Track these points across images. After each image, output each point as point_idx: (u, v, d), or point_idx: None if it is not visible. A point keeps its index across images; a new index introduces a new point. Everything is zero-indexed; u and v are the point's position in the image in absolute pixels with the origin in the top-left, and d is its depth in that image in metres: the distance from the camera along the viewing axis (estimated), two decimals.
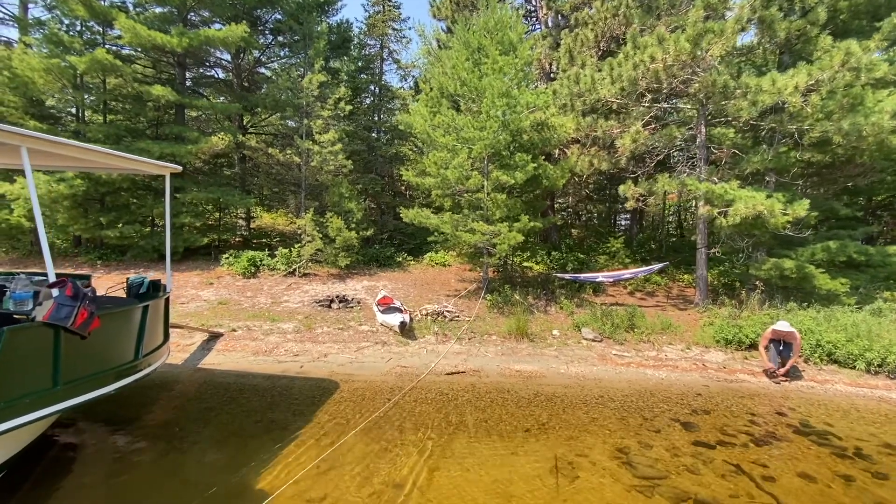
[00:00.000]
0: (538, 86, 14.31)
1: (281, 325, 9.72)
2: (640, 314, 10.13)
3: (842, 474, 5.06)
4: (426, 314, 10.44)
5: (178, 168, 5.71)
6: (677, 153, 12.50)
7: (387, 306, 10.28)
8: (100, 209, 14.45)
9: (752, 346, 9.02)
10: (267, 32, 18.77)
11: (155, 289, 6.26)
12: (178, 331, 8.89)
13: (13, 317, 4.22)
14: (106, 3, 13.94)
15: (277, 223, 22.48)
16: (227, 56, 18.39)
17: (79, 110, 15.39)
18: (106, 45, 14.64)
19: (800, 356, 8.25)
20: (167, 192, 5.79)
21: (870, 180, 11.73)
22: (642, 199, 10.95)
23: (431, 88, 12.08)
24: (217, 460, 4.77)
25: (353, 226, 14.57)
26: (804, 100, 8.81)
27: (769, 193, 9.28)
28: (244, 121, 18.96)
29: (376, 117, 20.13)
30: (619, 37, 14.12)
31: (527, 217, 10.70)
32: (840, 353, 8.43)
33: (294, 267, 13.76)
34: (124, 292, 6.10)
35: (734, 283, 13.59)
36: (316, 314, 10.48)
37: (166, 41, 12.76)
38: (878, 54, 9.92)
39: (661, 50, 9.22)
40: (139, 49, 14.60)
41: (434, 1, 18.75)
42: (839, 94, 8.84)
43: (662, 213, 24.02)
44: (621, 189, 11.07)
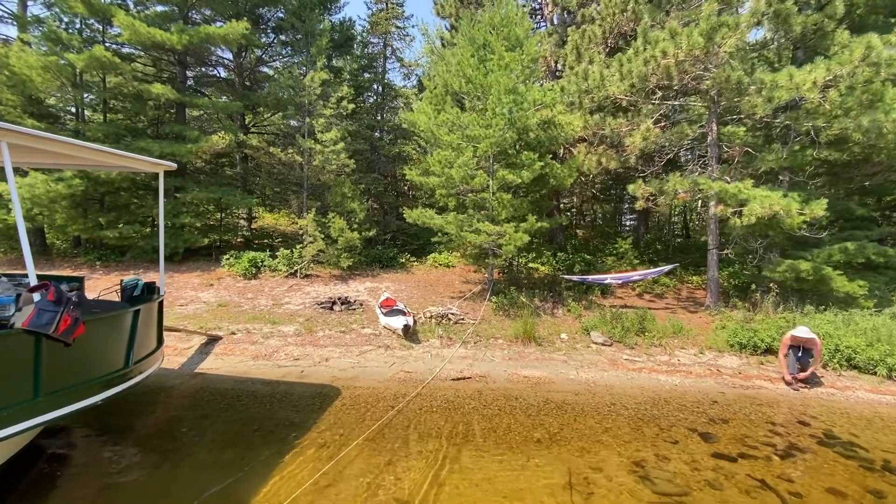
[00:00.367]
0: (544, 84, 14.02)
1: (281, 327, 9.48)
2: (650, 317, 9.83)
3: (872, 489, 4.77)
4: (430, 317, 10.17)
5: (172, 166, 5.48)
6: (687, 152, 12.20)
7: (390, 308, 10.03)
8: (99, 209, 14.26)
9: (767, 351, 8.71)
10: (269, 31, 18.58)
11: (150, 291, 6.03)
12: (175, 334, 8.66)
13: None
14: (106, 0, 13.76)
15: (279, 223, 22.28)
16: (229, 55, 18.23)
17: (78, 109, 15.21)
18: (106, 43, 14.48)
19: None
20: (161, 190, 5.55)
21: (883, 179, 11.38)
22: (652, 198, 10.65)
23: (436, 86, 11.82)
24: (211, 474, 4.51)
25: (355, 226, 14.33)
26: (822, 96, 8.51)
27: (784, 193, 8.97)
28: (246, 120, 18.75)
29: (379, 116, 19.89)
30: (627, 33, 13.82)
31: (533, 217, 10.42)
32: (860, 359, 8.12)
33: (296, 268, 13.52)
34: (119, 295, 5.87)
35: (745, 285, 13.28)
36: (317, 316, 10.23)
37: (166, 38, 12.54)
38: None
39: (674, 45, 8.92)
40: (139, 47, 14.40)
41: None
42: (858, 90, 8.53)
43: (669, 214, 23.68)
44: (630, 188, 10.77)
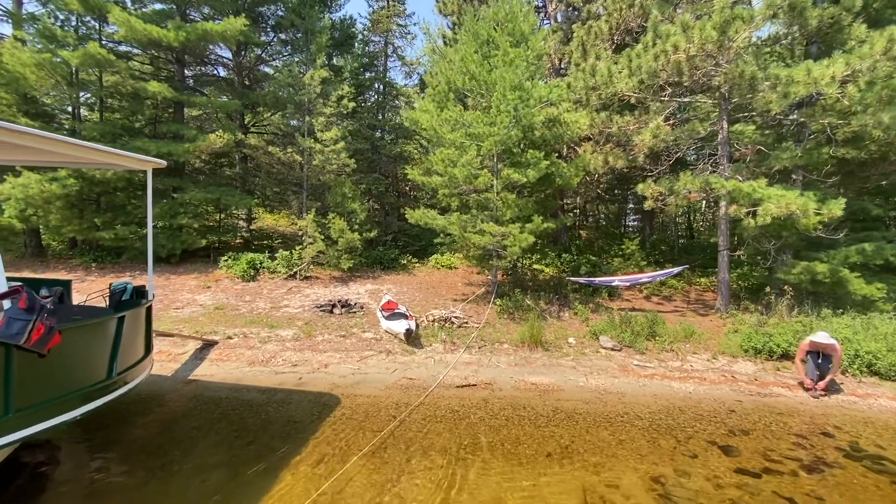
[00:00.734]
0: (548, 81, 13.71)
1: (279, 331, 9.18)
2: (660, 321, 9.51)
3: None
4: (433, 320, 9.87)
5: (161, 163, 5.19)
6: (693, 152, 11.88)
7: (391, 312, 9.72)
8: (95, 210, 13.99)
9: (783, 356, 8.38)
10: (268, 29, 18.34)
11: (140, 295, 5.73)
12: (169, 339, 8.36)
13: None
14: None
15: (279, 224, 22.00)
16: (229, 54, 17.99)
17: (74, 108, 14.95)
18: (102, 41, 14.22)
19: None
20: (149, 188, 5.26)
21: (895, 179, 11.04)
22: (661, 198, 10.33)
23: (438, 83, 11.52)
24: (200, 493, 4.21)
25: (356, 227, 14.03)
26: (840, 92, 8.19)
27: (800, 192, 8.64)
28: (245, 120, 18.49)
29: (380, 116, 19.60)
30: (634, 30, 13.53)
31: (539, 218, 10.11)
32: (881, 365, 7.79)
33: (295, 270, 13.23)
34: (105, 300, 5.58)
35: (756, 288, 12.94)
36: (317, 320, 9.93)
37: (163, 35, 12.27)
38: None
39: (685, 39, 8.61)
40: (136, 45, 14.14)
41: None
42: (878, 86, 8.20)
43: (674, 214, 23.33)
44: (639, 188, 10.45)
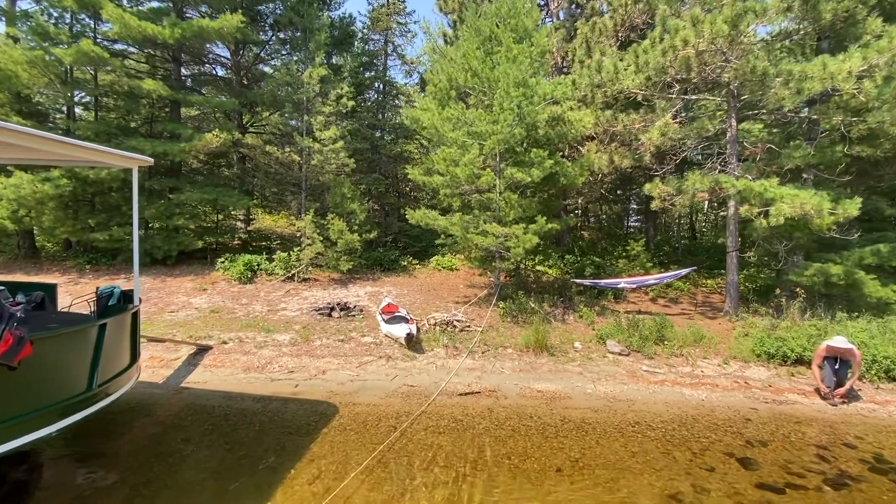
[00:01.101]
0: (553, 79, 13.43)
1: (276, 336, 8.90)
2: (668, 324, 9.22)
3: None
4: (434, 324, 9.59)
5: (147, 160, 4.91)
6: (702, 151, 11.59)
7: (392, 315, 9.44)
8: (89, 211, 13.72)
9: (798, 361, 8.09)
10: (267, 28, 18.09)
11: (128, 300, 5.46)
12: (162, 344, 8.08)
13: None
14: None
15: (278, 226, 21.74)
16: (227, 53, 17.75)
17: (69, 107, 14.69)
18: (97, 39, 13.96)
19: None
20: (134, 187, 4.98)
21: None
22: (669, 198, 10.04)
23: (440, 80, 11.24)
24: None
25: (355, 228, 13.76)
26: (857, 87, 7.91)
27: (814, 192, 8.36)
28: (244, 120, 18.23)
29: (380, 115, 19.33)
30: (639, 26, 13.26)
31: (543, 218, 9.83)
32: None
33: (293, 272, 12.95)
34: (89, 305, 5.30)
35: (764, 290, 12.66)
36: (315, 324, 9.65)
37: (158, 32, 12.01)
38: None
39: (695, 33, 8.34)
40: (131, 43, 13.86)
41: None
42: None
43: (678, 215, 23.05)
44: (646, 188, 10.18)
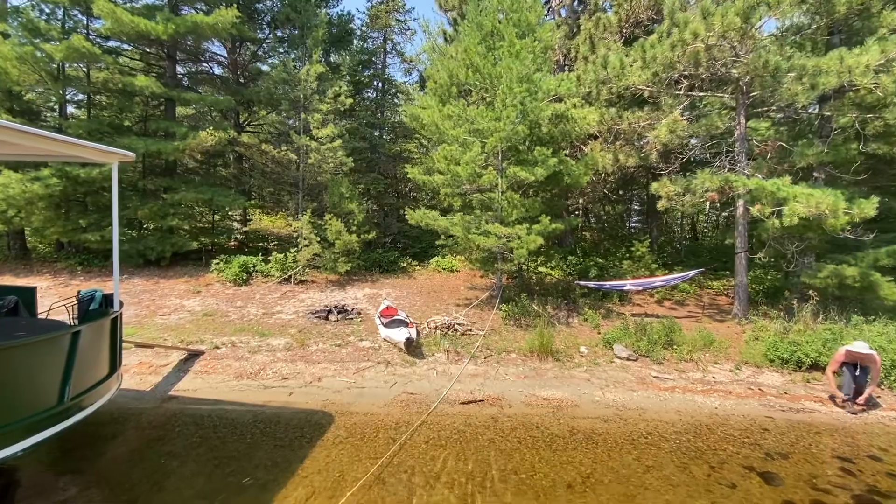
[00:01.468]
0: (557, 75, 13.14)
1: (271, 340, 8.57)
2: (677, 328, 8.91)
3: None
4: (435, 327, 9.26)
5: (128, 155, 4.59)
6: (710, 149, 11.29)
7: (391, 318, 9.12)
8: (81, 211, 13.39)
9: (812, 367, 7.78)
10: (264, 26, 17.82)
11: (111, 304, 5.15)
12: (151, 350, 7.76)
13: None
14: None
15: (276, 226, 21.43)
16: (223, 52, 17.46)
17: (61, 104, 14.37)
18: (90, 35, 13.65)
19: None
20: (114, 183, 4.67)
21: None
22: (676, 198, 9.74)
23: (440, 76, 10.92)
24: None
25: (353, 228, 13.44)
26: (874, 82, 7.62)
27: (830, 191, 8.06)
28: (241, 119, 17.93)
29: (379, 114, 19.03)
30: (644, 22, 12.99)
31: (547, 218, 9.52)
32: None
33: (289, 273, 12.63)
34: (68, 311, 4.99)
35: (771, 291, 12.37)
36: (311, 327, 9.32)
37: (151, 28, 11.70)
38: None
39: (705, 26, 8.04)
40: (124, 40, 13.55)
41: None
42: None
43: (681, 215, 22.77)
44: (654, 187, 9.87)
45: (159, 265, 13.58)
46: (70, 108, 15.57)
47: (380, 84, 19.41)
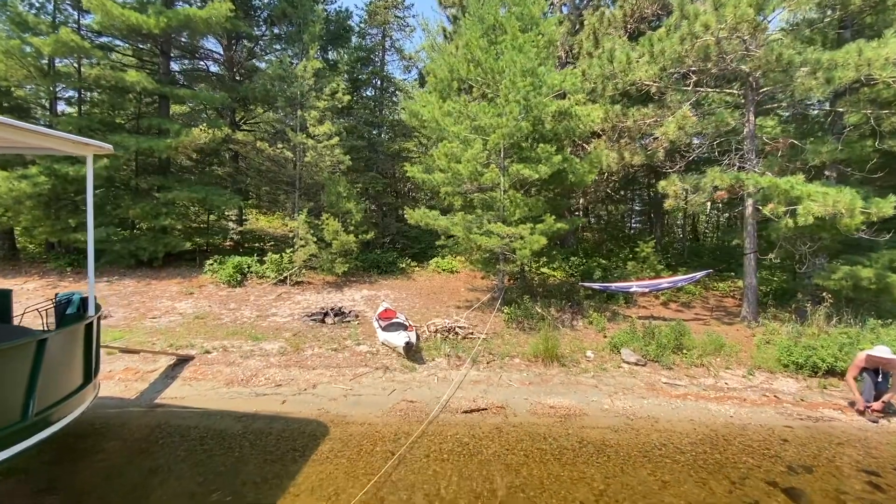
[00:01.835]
0: (561, 71, 12.83)
1: (264, 344, 8.23)
2: (687, 331, 8.60)
3: None
4: (435, 330, 8.93)
5: (105, 147, 4.26)
6: (719, 146, 10.99)
7: (389, 321, 8.78)
8: (71, 210, 13.01)
9: (829, 373, 7.47)
10: (261, 22, 17.49)
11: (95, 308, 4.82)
12: (138, 355, 7.41)
13: None
14: None
15: (273, 226, 21.08)
16: (220, 49, 17.12)
17: (51, 101, 14.01)
18: (82, 31, 13.31)
19: None
20: (89, 177, 4.33)
21: None
22: (684, 196, 9.44)
23: (441, 70, 10.59)
24: None
25: (351, 228, 13.10)
26: (893, 76, 7.32)
27: (848, 189, 7.75)
28: (236, 117, 17.58)
29: (378, 112, 18.70)
30: (649, 17, 12.71)
31: (552, 217, 9.21)
32: None
33: (285, 274, 12.28)
34: (41, 315, 4.65)
35: (779, 293, 12.08)
36: (307, 331, 8.99)
37: (142, 21, 11.36)
38: None
39: (717, 18, 7.74)
40: (116, 34, 13.19)
41: None
42: None
43: (682, 215, 22.51)
44: (661, 185, 9.57)
45: (151, 266, 13.23)
46: (62, 106, 15.24)
47: (378, 82, 19.08)
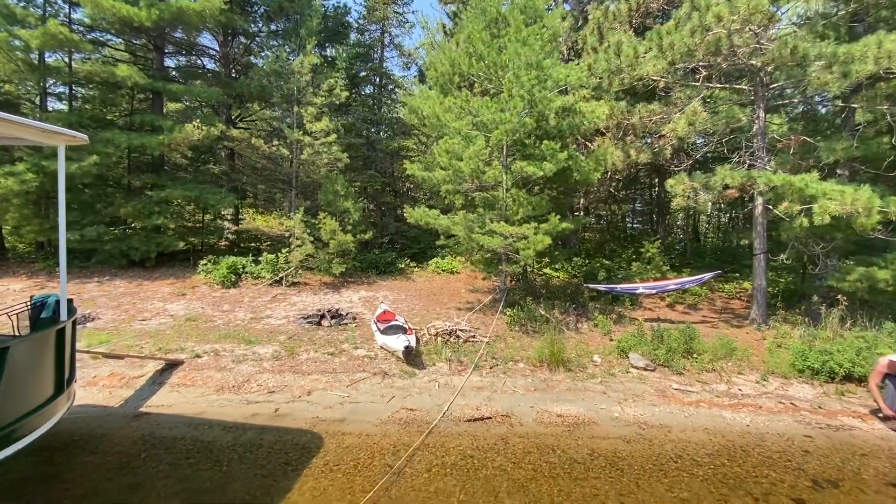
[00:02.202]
0: (567, 65, 12.54)
1: (257, 348, 7.89)
2: (697, 335, 8.29)
3: None
4: (435, 334, 8.61)
5: (78, 136, 3.93)
6: (728, 143, 10.69)
7: (388, 324, 8.44)
8: None
9: (846, 379, 7.18)
10: (258, 18, 17.15)
11: (71, 310, 4.49)
12: (125, 360, 7.07)
13: None
14: None
15: (270, 226, 20.72)
16: (215, 45, 16.78)
17: (42, 97, 13.64)
18: (73, 25, 12.95)
19: None
20: (60, 169, 4.00)
21: None
22: (693, 195, 9.14)
23: (442, 64, 10.27)
24: None
25: (349, 228, 12.76)
26: None
27: (867, 187, 7.46)
28: (232, 115, 17.23)
29: (377, 110, 18.37)
30: (654, 12, 12.41)
31: (556, 217, 8.90)
32: None
33: (281, 275, 11.94)
34: (11, 319, 4.32)
35: (788, 295, 11.79)
36: (302, 334, 8.65)
37: (133, 14, 11.00)
38: None
39: (729, 9, 7.44)
40: (107, 29, 12.83)
41: None
42: None
43: (687, 215, 22.24)
44: (669, 184, 9.26)
45: (144, 266, 12.87)
46: (52, 102, 14.88)
47: (377, 79, 18.75)
